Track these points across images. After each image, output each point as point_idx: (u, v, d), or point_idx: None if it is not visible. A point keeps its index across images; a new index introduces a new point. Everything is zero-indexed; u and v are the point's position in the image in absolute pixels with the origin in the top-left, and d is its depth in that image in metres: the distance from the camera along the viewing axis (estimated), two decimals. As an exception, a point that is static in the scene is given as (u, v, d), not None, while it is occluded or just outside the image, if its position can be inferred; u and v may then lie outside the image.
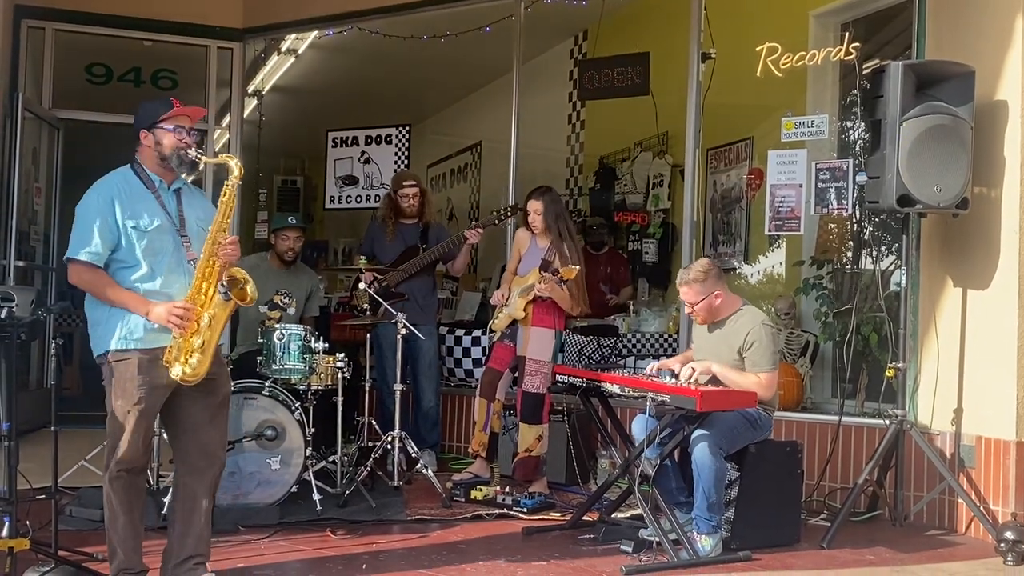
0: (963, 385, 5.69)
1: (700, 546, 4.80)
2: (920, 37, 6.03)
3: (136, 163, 4.07)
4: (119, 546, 3.93)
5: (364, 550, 4.87)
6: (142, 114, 4.08)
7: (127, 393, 3.88)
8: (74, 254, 3.88)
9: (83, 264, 3.88)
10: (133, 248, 3.92)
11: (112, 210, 3.91)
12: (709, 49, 6.76)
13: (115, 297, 3.90)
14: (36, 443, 6.23)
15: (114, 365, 3.90)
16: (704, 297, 5.13)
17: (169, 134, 4.03)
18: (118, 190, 3.96)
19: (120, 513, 3.92)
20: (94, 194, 3.95)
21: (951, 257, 5.86)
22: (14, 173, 7.80)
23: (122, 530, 3.93)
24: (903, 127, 5.36)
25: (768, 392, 5.03)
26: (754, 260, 8.14)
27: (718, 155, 8.42)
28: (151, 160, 4.05)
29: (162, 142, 4.03)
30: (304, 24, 9.02)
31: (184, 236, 4.02)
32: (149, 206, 3.99)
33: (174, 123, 4.04)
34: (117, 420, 3.89)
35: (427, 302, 7.13)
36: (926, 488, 5.72)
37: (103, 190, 3.96)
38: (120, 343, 3.89)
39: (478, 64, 9.75)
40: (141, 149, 4.07)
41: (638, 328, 7.88)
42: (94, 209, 3.90)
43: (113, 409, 3.90)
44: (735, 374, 5.04)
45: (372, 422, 6.56)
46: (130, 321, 3.89)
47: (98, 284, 3.91)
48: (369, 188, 8.96)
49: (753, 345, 5.04)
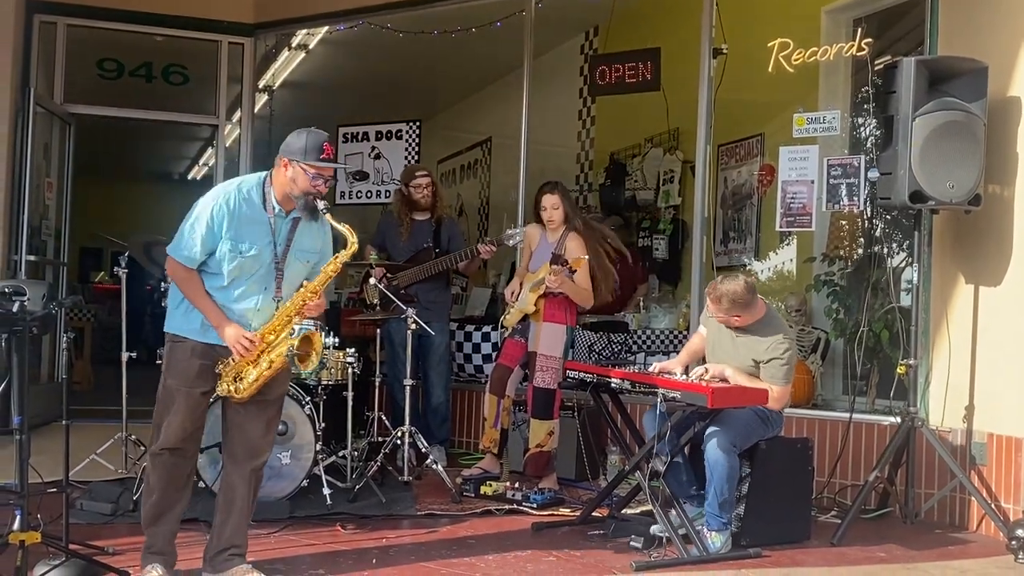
0: (975, 382, 5.67)
1: (710, 542, 4.79)
2: (933, 33, 6.00)
3: (268, 182, 4.10)
4: (145, 523, 4.08)
5: (374, 544, 4.88)
6: (294, 144, 4.07)
7: (179, 372, 4.04)
8: (175, 253, 4.01)
9: (180, 263, 4.02)
10: (223, 264, 4.00)
11: (221, 225, 3.97)
12: (720, 45, 6.75)
13: (199, 302, 4.02)
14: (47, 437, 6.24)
15: (172, 345, 4.08)
16: (754, 319, 5.08)
17: (307, 177, 4.03)
18: (235, 205, 4.00)
19: (155, 490, 4.07)
20: (213, 201, 4.00)
21: (963, 254, 5.83)
22: (26, 168, 7.82)
23: (152, 507, 4.07)
24: (915, 123, 5.34)
25: (778, 405, 5.03)
26: (765, 257, 8.12)
27: (729, 151, 8.40)
28: (280, 187, 4.07)
29: (297, 181, 4.03)
30: (315, 19, 9.02)
31: (279, 269, 4.08)
32: (258, 231, 4.03)
33: (316, 171, 4.04)
34: (165, 398, 4.05)
35: (439, 298, 7.11)
36: (937, 485, 5.70)
37: (223, 200, 4.00)
38: (181, 328, 4.07)
39: (489, 60, 9.74)
40: (277, 171, 4.08)
41: (648, 324, 7.87)
42: (206, 216, 3.97)
43: (164, 386, 4.07)
44: (748, 381, 5.02)
45: (382, 417, 6.56)
46: (190, 312, 4.05)
47: (189, 284, 4.04)
48: (379, 184, 8.95)
49: (772, 361, 5.02)
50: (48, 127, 8.45)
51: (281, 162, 4.06)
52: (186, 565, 4.22)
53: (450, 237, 7.13)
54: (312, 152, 4.03)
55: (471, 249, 6.77)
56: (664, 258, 8.89)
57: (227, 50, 8.88)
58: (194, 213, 4.01)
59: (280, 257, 4.08)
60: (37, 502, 4.11)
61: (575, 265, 5.87)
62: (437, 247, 7.01)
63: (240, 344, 3.97)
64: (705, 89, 6.78)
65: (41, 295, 4.11)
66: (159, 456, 4.06)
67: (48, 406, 7.59)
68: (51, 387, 8.12)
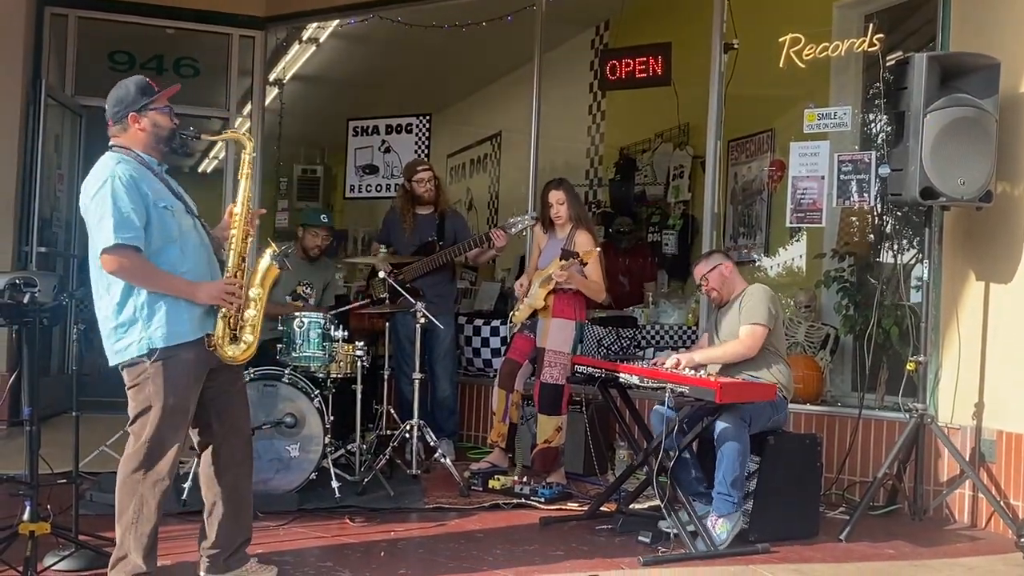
0: (984, 379, 5.66)
1: (717, 533, 4.79)
2: (945, 28, 5.98)
3: (123, 148, 3.87)
4: (137, 550, 3.76)
5: (382, 537, 4.89)
6: (125, 98, 3.89)
7: (180, 388, 3.76)
8: (119, 239, 3.64)
9: (129, 249, 3.66)
10: (166, 230, 3.77)
11: (139, 192, 3.71)
12: (732, 40, 6.74)
13: (162, 282, 3.73)
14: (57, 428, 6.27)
15: (164, 363, 3.73)
16: (712, 267, 5.28)
17: (164, 116, 3.92)
18: (126, 173, 3.74)
19: (154, 517, 3.77)
20: (112, 179, 3.71)
21: (974, 251, 5.82)
22: (37, 159, 7.84)
23: (150, 535, 3.79)
24: (927, 119, 5.32)
25: (746, 346, 5.10)
26: (774, 252, 8.11)
27: (739, 147, 8.39)
28: (145, 143, 3.89)
29: (160, 123, 3.91)
30: (326, 13, 9.03)
31: (198, 216, 3.92)
32: (161, 188, 3.84)
33: (164, 103, 3.93)
34: (168, 421, 3.74)
35: (444, 291, 7.12)
36: (946, 482, 5.70)
37: (119, 173, 3.72)
38: (170, 339, 3.74)
39: (499, 54, 9.73)
40: (131, 133, 3.88)
41: (657, 320, 7.86)
42: (121, 192, 3.68)
43: (163, 409, 3.73)
44: (714, 351, 5.18)
45: (391, 410, 6.57)
46: (173, 313, 3.75)
47: (144, 269, 3.71)
48: (389, 177, 8.96)
49: (746, 305, 5.16)
50: (59, 119, 8.47)
51: (131, 120, 3.87)
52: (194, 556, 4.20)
53: (455, 230, 7.14)
54: (147, 92, 3.91)
55: (483, 235, 6.77)
56: (674, 253, 8.88)
57: (238, 43, 8.90)
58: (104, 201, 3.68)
59: (189, 205, 3.91)
60: (47, 493, 4.13)
61: (586, 257, 5.87)
62: (441, 240, 7.02)
63: (225, 293, 3.78)
64: (716, 84, 6.77)
65: (52, 286, 4.10)
66: (161, 484, 3.77)
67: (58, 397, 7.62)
68: (61, 378, 8.15)
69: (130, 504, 3.76)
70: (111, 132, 3.94)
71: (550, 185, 6.28)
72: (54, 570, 4.07)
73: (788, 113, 7.51)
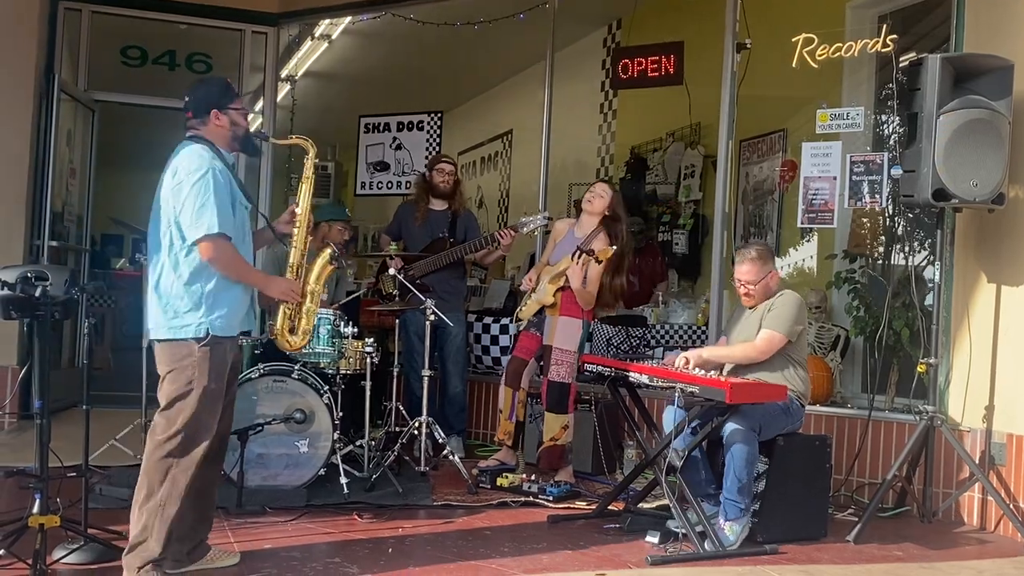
0: (995, 382, 5.64)
1: (726, 534, 4.78)
2: (959, 30, 5.96)
3: (203, 140, 4.06)
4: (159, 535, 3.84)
5: (390, 534, 4.89)
6: (213, 95, 4.11)
7: (220, 374, 3.97)
8: (221, 229, 3.88)
9: (227, 239, 3.92)
10: (242, 225, 4.07)
11: (224, 184, 3.95)
12: (744, 39, 6.73)
13: (245, 273, 4.03)
14: (67, 422, 6.30)
15: (212, 349, 3.92)
16: (762, 277, 5.16)
17: (241, 116, 4.16)
18: (217, 165, 3.98)
19: (180, 503, 3.87)
20: (212, 171, 3.92)
21: (986, 253, 5.80)
22: (49, 154, 7.86)
23: (171, 520, 3.86)
24: (940, 121, 5.31)
25: (758, 351, 5.04)
26: (785, 253, 8.09)
27: (751, 146, 8.38)
28: (222, 139, 4.10)
29: (238, 123, 4.14)
30: (338, 9, 9.04)
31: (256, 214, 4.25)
32: (235, 184, 4.08)
33: (242, 105, 4.19)
34: (206, 404, 3.91)
35: (455, 289, 7.13)
36: (955, 485, 5.68)
37: (216, 167, 3.95)
38: (224, 330, 3.97)
39: (511, 52, 9.74)
40: (211, 127, 4.09)
41: (667, 319, 7.86)
42: (220, 185, 3.92)
43: (203, 393, 3.90)
44: (724, 350, 5.12)
45: (400, 407, 6.58)
46: (231, 307, 3.99)
47: (235, 260, 3.97)
48: (400, 174, 8.97)
49: (772, 309, 5.10)
50: (72, 113, 8.49)
51: (213, 116, 4.08)
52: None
53: (467, 228, 7.15)
54: (231, 93, 4.16)
55: (489, 236, 6.77)
56: (684, 253, 8.88)
57: (250, 39, 8.90)
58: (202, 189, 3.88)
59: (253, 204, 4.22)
60: (57, 486, 4.14)
61: (601, 255, 5.79)
62: (452, 237, 7.03)
63: (292, 291, 4.12)
64: (728, 84, 6.76)
65: (63, 280, 4.11)
66: (194, 468, 3.89)
67: (68, 391, 7.65)
68: (71, 372, 8.18)
69: (159, 487, 3.86)
70: (190, 124, 4.12)
71: (602, 179, 6.26)
72: (63, 563, 4.07)
73: (800, 113, 7.50)
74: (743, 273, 5.20)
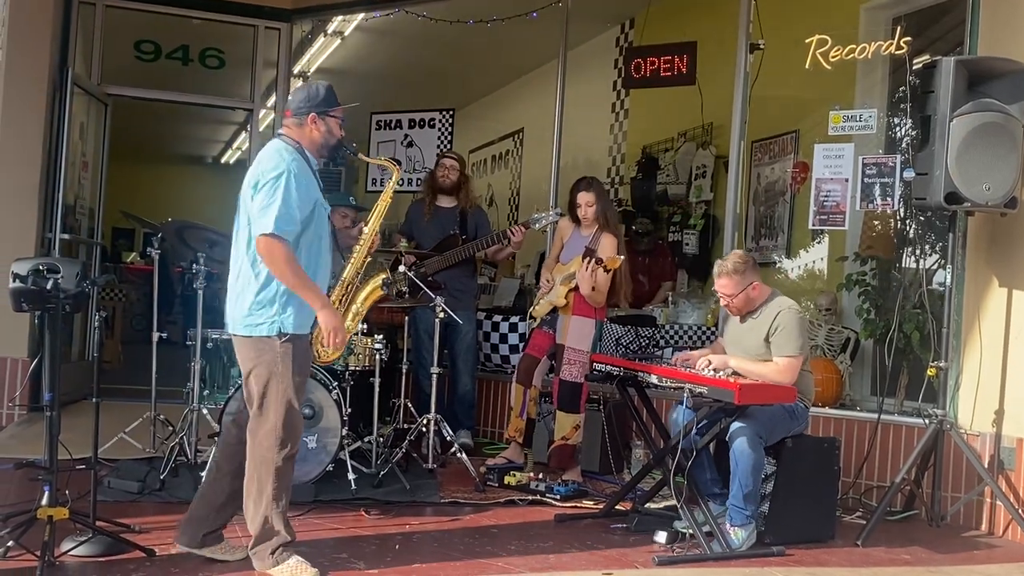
0: (1005, 386, 5.62)
1: (733, 538, 4.78)
2: (973, 33, 5.93)
3: (294, 141, 4.13)
4: (280, 522, 4.04)
5: (397, 531, 4.90)
6: (315, 98, 4.15)
7: (303, 369, 4.10)
8: (278, 230, 3.90)
9: (283, 241, 3.92)
10: (321, 227, 4.11)
11: (304, 186, 3.99)
12: (758, 40, 6.71)
13: (306, 284, 3.99)
14: (77, 414, 6.33)
15: (293, 344, 4.02)
16: (742, 289, 5.10)
17: (338, 126, 4.20)
18: (299, 164, 4.02)
19: (290, 488, 4.12)
20: (288, 173, 3.96)
21: (998, 257, 5.78)
22: (62, 147, 7.88)
23: (285, 506, 4.08)
24: (953, 124, 5.29)
25: (785, 377, 4.97)
26: (796, 255, 8.07)
27: (763, 147, 8.36)
28: (314, 144, 4.16)
29: (332, 131, 4.18)
30: (352, 6, 9.05)
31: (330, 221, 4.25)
32: (314, 186, 4.10)
33: (341, 115, 4.22)
34: (289, 399, 4.01)
35: (466, 287, 7.14)
36: (964, 489, 5.66)
37: (294, 169, 3.98)
38: (297, 328, 4.04)
39: (523, 50, 9.73)
40: (306, 130, 4.14)
41: (676, 319, 7.84)
42: (293, 187, 3.95)
43: (288, 386, 4.00)
44: (752, 365, 5.03)
45: (408, 404, 6.58)
46: (303, 306, 4.02)
47: (287, 263, 3.94)
48: (411, 171, 8.97)
49: (778, 330, 5.03)
50: (85, 107, 8.51)
51: (309, 119, 4.13)
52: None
53: (477, 225, 7.16)
54: (332, 100, 4.20)
55: (501, 232, 6.78)
56: (694, 253, 8.85)
57: (263, 35, 8.92)
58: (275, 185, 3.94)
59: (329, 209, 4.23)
60: (66, 478, 4.16)
61: (609, 265, 5.85)
62: (463, 234, 7.03)
63: (335, 329, 4.06)
64: (741, 84, 6.75)
65: (75, 273, 4.12)
66: (294, 454, 4.10)
67: (78, 384, 7.68)
68: (81, 365, 8.20)
69: (269, 480, 4.01)
70: (286, 123, 4.20)
71: (580, 185, 6.24)
72: (71, 555, 4.09)
73: (813, 115, 7.48)
74: (721, 286, 5.18)
